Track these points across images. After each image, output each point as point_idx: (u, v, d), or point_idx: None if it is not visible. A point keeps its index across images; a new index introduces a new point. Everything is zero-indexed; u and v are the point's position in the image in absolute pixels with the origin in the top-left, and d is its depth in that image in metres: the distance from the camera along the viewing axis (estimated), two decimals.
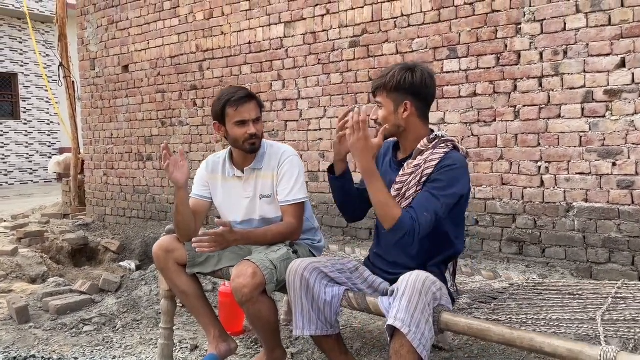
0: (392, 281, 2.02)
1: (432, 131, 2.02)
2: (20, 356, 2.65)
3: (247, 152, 2.33)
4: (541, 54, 3.50)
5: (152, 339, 2.97)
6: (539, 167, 3.55)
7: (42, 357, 2.65)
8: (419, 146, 1.96)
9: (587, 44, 3.35)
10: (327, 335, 2.03)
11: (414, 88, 1.93)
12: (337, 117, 4.44)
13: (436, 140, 1.96)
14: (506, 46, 3.63)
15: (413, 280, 1.72)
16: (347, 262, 2.11)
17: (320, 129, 4.56)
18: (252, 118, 2.29)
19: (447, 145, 1.95)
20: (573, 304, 1.98)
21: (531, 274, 3.47)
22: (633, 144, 3.23)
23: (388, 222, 1.83)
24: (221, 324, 2.49)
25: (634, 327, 1.67)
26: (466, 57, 3.79)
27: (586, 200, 3.40)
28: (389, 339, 1.74)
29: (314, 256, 2.39)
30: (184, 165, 2.23)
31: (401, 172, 1.97)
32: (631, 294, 2.05)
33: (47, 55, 13.83)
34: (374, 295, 2.04)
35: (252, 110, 2.30)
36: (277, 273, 2.06)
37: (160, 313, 2.73)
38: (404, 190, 1.94)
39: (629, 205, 3.27)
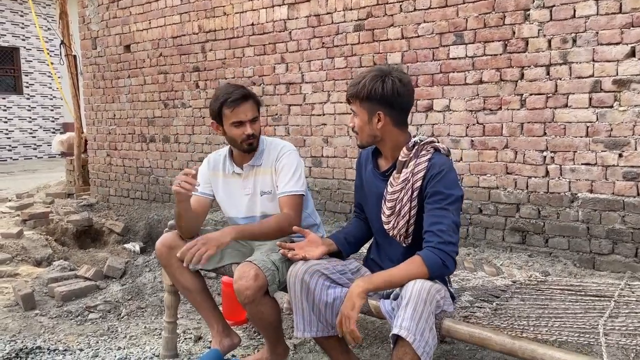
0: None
1: (410, 136, 2.00)
2: (27, 347, 2.68)
3: (244, 152, 2.33)
4: (549, 42, 3.43)
5: (156, 328, 3.01)
6: (544, 157, 3.52)
7: (48, 349, 2.68)
8: (400, 158, 1.94)
9: (597, 32, 3.27)
10: (328, 336, 2.04)
11: (385, 98, 1.89)
12: (340, 102, 4.40)
13: (416, 147, 1.93)
14: (514, 33, 3.56)
15: (418, 289, 1.71)
16: (348, 263, 2.11)
17: (323, 114, 4.52)
18: (248, 119, 2.27)
19: (428, 151, 1.93)
20: (575, 307, 1.97)
21: (534, 263, 3.48)
22: None
23: (425, 276, 1.80)
24: (224, 318, 2.50)
25: (636, 335, 1.67)
26: (473, 43, 3.72)
27: (591, 191, 3.38)
28: (392, 345, 1.75)
29: None
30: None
31: (390, 189, 1.95)
32: (634, 296, 2.05)
33: (48, 29, 13.68)
34: (375, 297, 2.05)
35: (249, 111, 2.27)
36: (279, 274, 2.07)
37: (164, 298, 2.74)
38: (397, 208, 1.93)
39: (634, 197, 3.24)
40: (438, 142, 1.99)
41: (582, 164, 3.39)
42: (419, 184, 1.90)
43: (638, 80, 3.17)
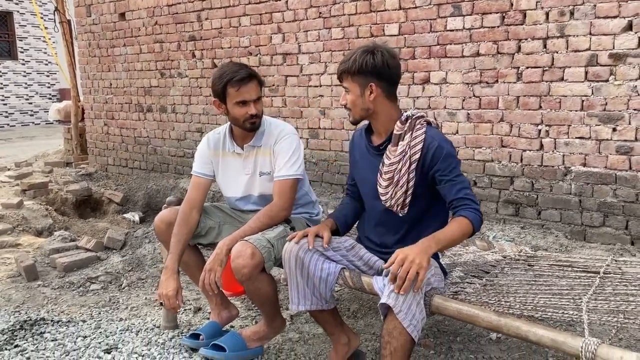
0: (387, 259, 2.08)
1: (401, 111, 2.06)
2: (31, 319, 2.76)
3: (247, 131, 2.35)
4: (547, 14, 3.41)
5: (156, 299, 3.08)
6: (539, 131, 3.54)
7: (52, 320, 2.76)
8: (395, 131, 2.01)
9: (595, 5, 3.25)
10: (322, 310, 2.11)
11: (376, 70, 1.97)
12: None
13: (409, 121, 2.01)
14: (512, 4, 3.53)
15: None
16: (343, 240, 2.16)
17: (320, 86, 4.51)
18: (252, 98, 2.29)
19: (422, 124, 2.00)
20: (561, 283, 2.04)
21: (526, 235, 3.54)
22: (634, 109, 3.21)
23: (470, 235, 1.90)
24: (222, 291, 2.57)
25: (617, 312, 1.74)
26: (470, 14, 3.70)
27: (584, 165, 3.42)
28: (382, 318, 1.81)
29: None
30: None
31: (387, 162, 2.01)
32: (620, 272, 2.11)
33: None
34: (370, 272, 2.11)
35: (253, 90, 2.29)
36: (274, 251, 2.12)
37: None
38: (395, 178, 1.99)
39: (626, 170, 3.28)
40: (427, 116, 2.07)
41: (576, 137, 3.42)
42: (417, 156, 1.97)
43: (634, 54, 3.17)
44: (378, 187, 2.05)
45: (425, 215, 2.04)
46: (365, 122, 2.14)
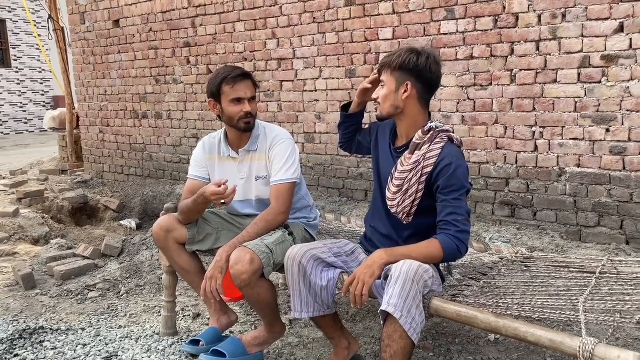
0: (386, 263, 2.09)
1: (429, 119, 2.04)
2: (30, 327, 2.75)
3: (241, 131, 2.36)
4: (539, 17, 3.44)
5: (155, 306, 3.09)
6: (534, 132, 3.57)
7: (51, 329, 2.76)
8: (414, 139, 1.99)
9: (586, 7, 3.29)
10: (324, 315, 2.12)
11: (417, 70, 1.96)
12: (332, 78, 4.41)
13: (431, 132, 1.98)
14: (504, 8, 3.57)
15: (407, 268, 1.79)
16: (343, 245, 2.17)
17: (316, 90, 4.53)
18: (247, 97, 2.32)
19: (442, 139, 1.98)
20: (558, 284, 2.06)
21: (522, 236, 3.57)
22: (627, 110, 3.24)
23: (439, 258, 1.92)
24: (222, 297, 2.57)
25: (614, 312, 1.75)
26: (464, 18, 3.73)
27: (579, 166, 3.44)
28: (382, 322, 1.83)
29: (310, 235, 2.46)
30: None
31: (400, 168, 2.00)
32: (615, 272, 2.13)
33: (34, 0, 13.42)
34: None
35: (248, 89, 2.33)
36: (273, 256, 2.13)
37: (162, 277, 2.81)
38: (405, 187, 1.99)
39: (620, 171, 3.31)
40: (453, 132, 2.04)
41: (570, 139, 3.45)
42: (428, 169, 1.96)
43: (626, 56, 3.20)
44: (387, 191, 2.06)
45: (430, 231, 2.00)
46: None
